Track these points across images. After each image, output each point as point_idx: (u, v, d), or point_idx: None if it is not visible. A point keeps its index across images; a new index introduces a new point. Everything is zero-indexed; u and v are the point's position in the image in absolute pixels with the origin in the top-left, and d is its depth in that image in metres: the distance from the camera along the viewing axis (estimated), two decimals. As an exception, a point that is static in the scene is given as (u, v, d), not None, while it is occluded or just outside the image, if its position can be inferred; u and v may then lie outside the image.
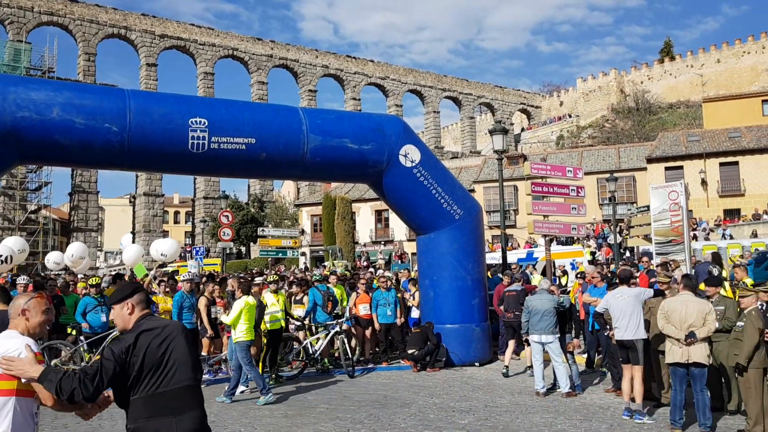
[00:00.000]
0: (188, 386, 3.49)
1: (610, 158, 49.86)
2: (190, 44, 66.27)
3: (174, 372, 3.44)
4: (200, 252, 36.26)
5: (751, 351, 7.08)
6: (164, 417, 3.38)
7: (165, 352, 3.45)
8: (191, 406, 3.49)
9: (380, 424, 7.81)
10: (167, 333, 3.53)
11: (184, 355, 3.51)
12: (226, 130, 10.75)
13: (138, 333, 3.45)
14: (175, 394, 3.43)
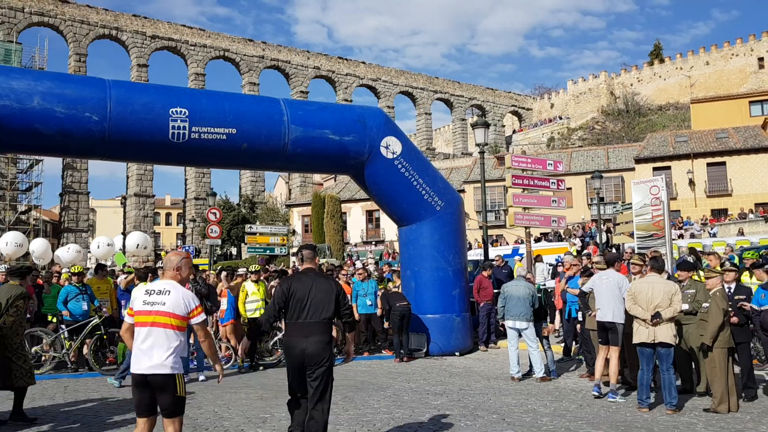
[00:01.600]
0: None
1: (599, 159, 50.16)
2: (182, 45, 66.27)
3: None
4: (189, 251, 36.23)
5: (715, 331, 7.23)
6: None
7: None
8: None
9: (353, 405, 7.92)
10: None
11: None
12: (206, 120, 10.85)
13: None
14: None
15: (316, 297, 5.46)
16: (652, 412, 7.37)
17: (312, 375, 5.38)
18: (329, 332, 5.52)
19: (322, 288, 5.54)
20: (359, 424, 6.91)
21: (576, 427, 6.74)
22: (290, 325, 5.49)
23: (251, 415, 7.38)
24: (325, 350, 5.40)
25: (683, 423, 6.88)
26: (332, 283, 5.71)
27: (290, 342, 5.48)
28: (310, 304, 5.43)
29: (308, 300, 5.44)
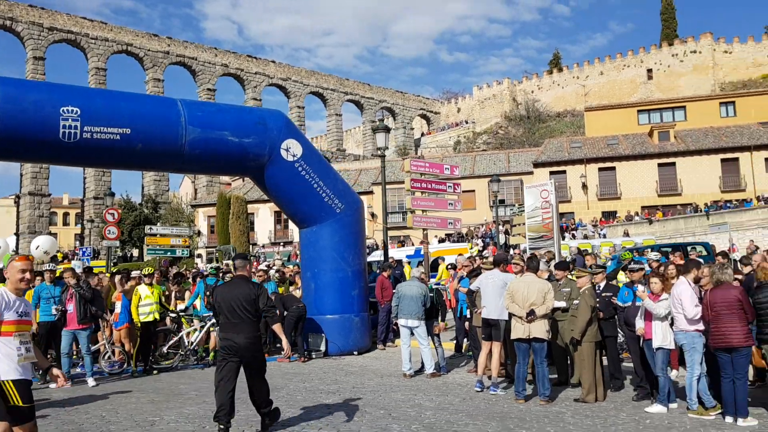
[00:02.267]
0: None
1: (500, 162, 52.01)
2: (82, 38, 63.37)
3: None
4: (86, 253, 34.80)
5: (584, 326, 7.86)
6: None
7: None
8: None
9: (245, 406, 7.98)
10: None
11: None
12: (99, 119, 10.61)
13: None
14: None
15: (240, 300, 6.50)
16: (527, 403, 7.92)
17: (247, 363, 6.59)
18: (256, 327, 6.74)
19: (244, 292, 6.54)
20: (248, 425, 7.04)
21: (455, 419, 7.16)
22: (223, 324, 6.64)
23: (140, 419, 7.35)
24: (255, 342, 6.66)
25: (553, 413, 7.44)
26: (255, 288, 6.68)
27: (225, 337, 6.59)
28: (235, 307, 6.49)
29: (234, 303, 6.51)
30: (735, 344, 6.60)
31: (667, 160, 46.18)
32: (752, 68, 70.16)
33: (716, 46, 72.53)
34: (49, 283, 10.68)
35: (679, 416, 7.13)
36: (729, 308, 6.74)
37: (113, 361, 11.42)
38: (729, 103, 51.77)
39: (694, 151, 45.53)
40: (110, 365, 11.32)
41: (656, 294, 7.48)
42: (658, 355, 7.45)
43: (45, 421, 7.12)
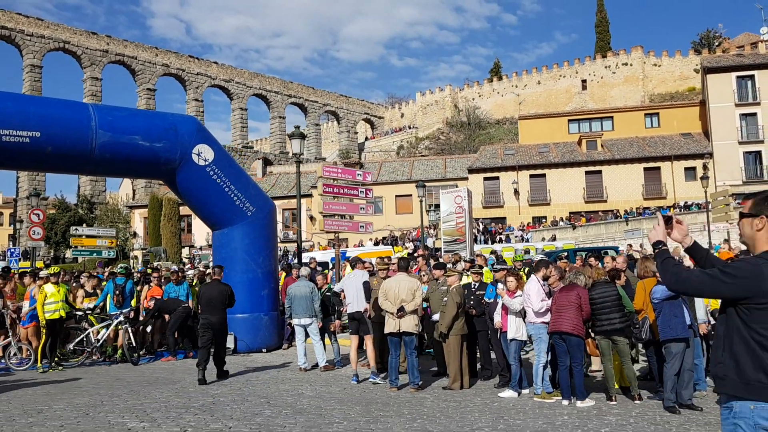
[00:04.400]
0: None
1: (438, 168, 53.20)
2: (16, 35, 61.78)
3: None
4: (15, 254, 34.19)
5: (449, 321, 8.67)
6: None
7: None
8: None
9: (136, 397, 8.53)
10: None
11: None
12: (9, 123, 10.91)
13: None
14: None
15: (215, 295, 10.17)
16: (400, 391, 8.67)
17: (216, 333, 10.16)
18: (224, 312, 10.35)
19: (218, 290, 10.26)
20: (132, 413, 7.56)
21: (326, 405, 7.85)
22: (204, 309, 10.19)
23: (29, 408, 7.78)
24: (223, 322, 10.29)
25: (417, 398, 8.22)
26: (225, 287, 10.40)
27: (204, 317, 10.15)
28: (212, 299, 10.10)
29: (211, 296, 10.11)
30: (565, 330, 7.51)
31: (593, 168, 48.22)
32: (679, 81, 73.52)
33: (646, 59, 75.71)
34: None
35: (526, 400, 7.99)
36: (569, 303, 7.64)
37: (21, 359, 11.69)
38: (654, 114, 54.23)
39: (619, 160, 47.69)
40: (18, 362, 11.59)
41: (512, 291, 8.34)
42: (511, 346, 8.32)
43: None
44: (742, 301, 2.72)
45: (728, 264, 2.84)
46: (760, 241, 2.83)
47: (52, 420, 7.17)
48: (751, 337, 2.70)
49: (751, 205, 2.87)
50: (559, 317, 7.62)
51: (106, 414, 7.47)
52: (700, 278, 2.83)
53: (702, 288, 2.87)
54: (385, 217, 50.41)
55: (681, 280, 2.89)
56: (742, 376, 2.71)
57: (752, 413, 2.68)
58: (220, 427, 6.79)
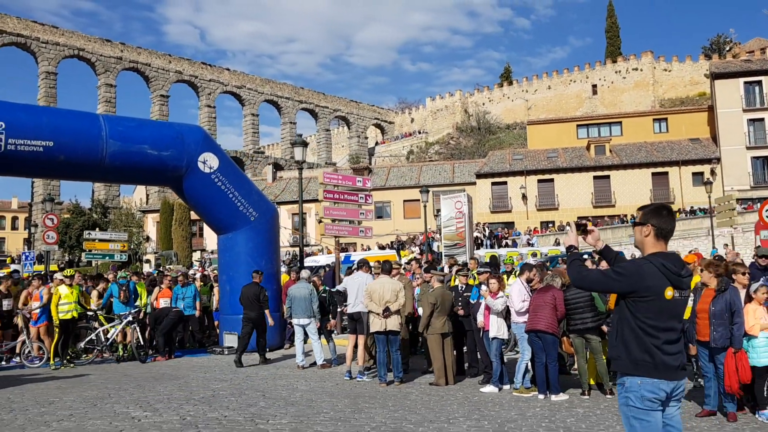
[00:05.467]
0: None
1: (446, 173, 53.67)
2: (32, 42, 63.04)
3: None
4: (30, 257, 35.01)
5: (425, 321, 9.20)
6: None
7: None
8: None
9: (141, 391, 9.11)
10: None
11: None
12: (23, 132, 11.56)
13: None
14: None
15: (252, 294, 11.93)
16: (387, 387, 9.19)
17: (256, 326, 12.05)
18: (260, 308, 11.97)
19: (254, 291, 12.00)
20: (137, 404, 8.13)
21: (317, 398, 8.39)
22: (246, 307, 12.00)
23: (41, 400, 8.39)
24: (260, 316, 12.04)
25: (402, 393, 8.74)
26: (260, 289, 12.07)
27: (246, 313, 11.99)
28: (250, 297, 11.99)
29: (250, 296, 12.01)
30: (540, 328, 8.01)
31: (602, 173, 48.50)
32: (689, 86, 73.58)
33: (656, 64, 75.84)
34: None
35: (505, 395, 8.49)
36: (544, 304, 8.14)
37: (33, 357, 12.32)
38: (662, 119, 54.41)
39: (627, 165, 47.92)
40: (30, 360, 12.22)
41: (494, 292, 8.84)
42: (493, 344, 8.82)
43: None
44: (629, 295, 3.29)
45: (618, 265, 3.41)
46: (647, 246, 3.41)
47: (62, 410, 7.75)
48: (637, 324, 3.28)
49: (640, 216, 3.45)
50: (535, 317, 8.11)
51: (112, 405, 8.05)
52: (597, 276, 3.42)
53: (598, 284, 3.47)
54: (393, 221, 50.97)
55: (582, 277, 3.45)
56: (630, 356, 3.26)
57: (639, 387, 3.26)
58: (216, 416, 7.34)
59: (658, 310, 3.28)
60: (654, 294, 3.27)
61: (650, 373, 3.25)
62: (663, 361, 3.26)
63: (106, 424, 7.03)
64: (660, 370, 3.26)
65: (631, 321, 3.29)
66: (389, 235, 45.65)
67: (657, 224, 3.44)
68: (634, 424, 3.24)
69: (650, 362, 3.26)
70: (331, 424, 6.87)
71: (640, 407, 3.25)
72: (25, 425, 6.99)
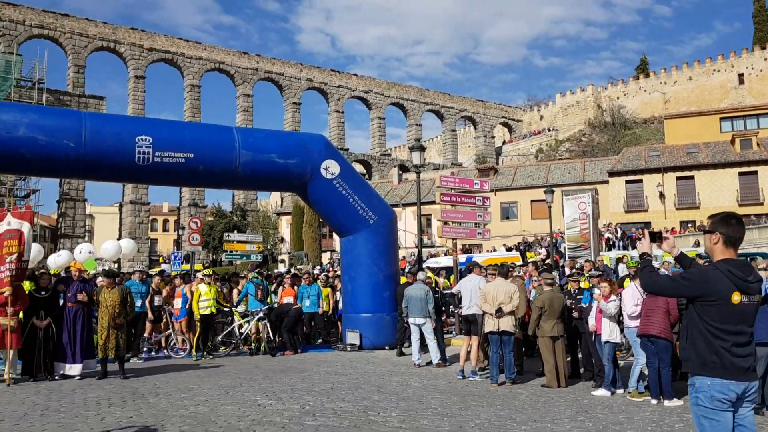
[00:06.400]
0: None
1: (576, 171, 52.06)
2: (178, 57, 68.47)
3: None
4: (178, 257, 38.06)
5: (533, 324, 9.29)
6: None
7: None
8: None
9: (269, 381, 9.89)
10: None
11: None
12: (168, 146, 12.84)
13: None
14: None
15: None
16: (498, 387, 9.34)
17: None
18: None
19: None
20: (264, 393, 8.88)
21: (428, 394, 8.72)
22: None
23: (182, 387, 9.36)
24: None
25: (512, 393, 8.87)
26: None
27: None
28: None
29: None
30: (652, 333, 7.84)
31: (748, 168, 45.02)
32: None
33: (813, 48, 69.17)
34: (138, 281, 13.10)
35: (617, 399, 8.38)
36: (656, 308, 7.96)
37: (178, 348, 13.62)
38: (819, 108, 49.62)
39: (777, 159, 44.18)
40: (175, 351, 13.53)
41: (605, 296, 8.75)
42: (605, 347, 8.73)
43: (127, 382, 9.28)
44: (696, 300, 3.36)
45: (687, 270, 3.48)
46: (716, 253, 3.49)
47: (200, 396, 8.64)
48: (705, 327, 3.37)
49: (710, 224, 3.52)
50: (647, 321, 7.96)
51: (242, 393, 8.85)
52: (665, 282, 3.52)
53: (667, 289, 3.58)
54: (519, 222, 50.21)
55: (652, 282, 3.55)
56: (699, 357, 3.35)
57: (709, 388, 3.37)
58: (332, 407, 7.89)
59: (725, 314, 3.40)
60: (721, 298, 3.39)
61: (719, 373, 3.37)
62: (732, 363, 3.37)
63: (235, 409, 7.78)
64: (729, 371, 3.37)
65: (699, 324, 3.42)
66: (516, 236, 45.07)
67: (725, 232, 3.55)
68: (704, 423, 3.35)
69: (719, 363, 3.38)
70: (437, 419, 7.18)
71: (709, 407, 3.36)
72: (167, 408, 7.88)
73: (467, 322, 10.20)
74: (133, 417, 7.35)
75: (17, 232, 9.51)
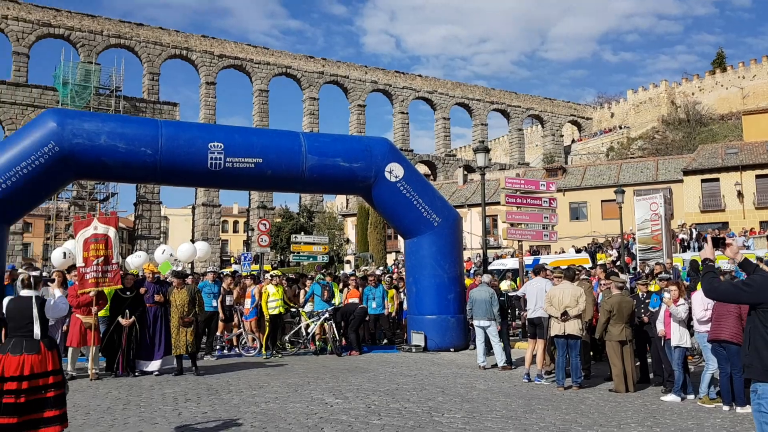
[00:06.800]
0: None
1: (648, 170, 50.52)
2: (247, 63, 70.31)
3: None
4: (248, 258, 39.09)
5: (601, 328, 9.14)
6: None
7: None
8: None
9: (335, 381, 10.12)
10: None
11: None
12: (238, 151, 13.30)
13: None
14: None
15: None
16: (564, 391, 9.26)
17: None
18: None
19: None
20: (331, 392, 9.11)
21: (492, 397, 8.75)
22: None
23: (253, 384, 9.71)
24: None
25: (579, 397, 8.79)
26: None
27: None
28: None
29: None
30: (724, 338, 7.62)
31: (836, 166, 42.63)
32: None
33: None
34: (211, 282, 13.63)
35: (686, 405, 8.18)
36: (728, 312, 7.73)
37: (248, 347, 14.08)
38: None
39: None
40: (246, 350, 13.98)
41: (674, 300, 8.55)
42: (675, 352, 8.54)
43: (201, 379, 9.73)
44: (758, 306, 3.31)
45: (749, 277, 3.43)
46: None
47: (269, 393, 8.95)
48: (767, 333, 3.28)
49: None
50: (718, 326, 7.75)
51: (310, 392, 9.11)
52: (726, 288, 3.49)
53: (727, 295, 3.54)
54: (589, 223, 49.09)
55: (713, 288, 3.53)
56: (762, 363, 3.30)
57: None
58: (397, 407, 8.03)
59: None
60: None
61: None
62: None
63: (303, 407, 8.03)
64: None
65: (762, 330, 3.37)
66: (585, 238, 44.13)
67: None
68: (767, 430, 3.27)
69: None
70: (501, 422, 7.21)
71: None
72: (239, 404, 8.21)
73: (533, 325, 10.16)
74: (207, 412, 7.70)
75: (104, 237, 10.08)
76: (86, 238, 10.07)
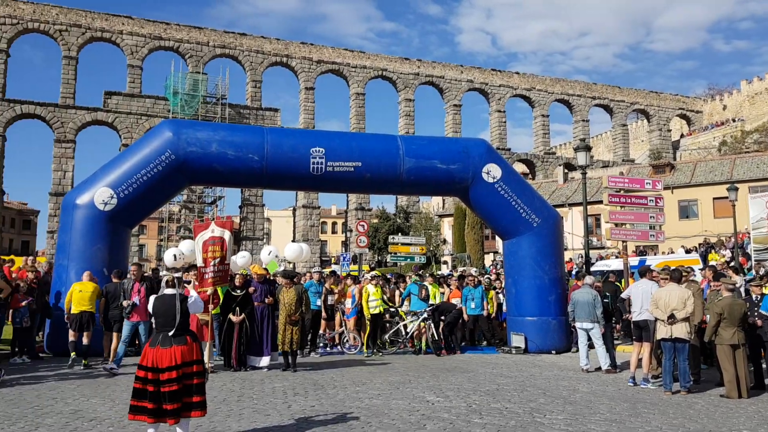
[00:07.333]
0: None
1: (764, 166, 47.44)
2: (343, 67, 71.76)
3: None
4: (347, 258, 39.98)
5: (710, 330, 8.79)
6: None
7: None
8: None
9: (435, 380, 10.29)
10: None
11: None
12: (338, 156, 13.77)
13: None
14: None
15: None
16: (672, 395, 8.98)
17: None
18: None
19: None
20: (432, 391, 9.29)
21: (596, 400, 8.62)
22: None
23: (356, 380, 10.05)
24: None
25: (688, 402, 8.51)
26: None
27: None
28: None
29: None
30: None
31: None
32: None
33: None
34: (316, 282, 14.19)
35: (809, 415, 7.74)
36: None
37: (350, 345, 14.50)
38: None
39: None
40: (348, 348, 14.41)
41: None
42: (793, 359, 8.09)
43: (308, 374, 10.20)
44: None
45: None
46: None
47: (372, 390, 9.25)
48: None
49: None
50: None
51: (411, 389, 9.33)
52: None
53: None
54: (700, 221, 46.65)
55: None
56: None
57: None
58: (498, 407, 8.10)
59: None
60: None
61: None
62: None
63: (406, 404, 8.26)
64: None
65: None
66: (696, 237, 42.00)
67: None
68: None
69: None
70: (605, 425, 7.13)
71: None
72: (344, 399, 8.55)
73: (638, 328, 9.91)
74: (315, 406, 8.08)
75: (220, 239, 10.75)
76: (204, 240, 10.75)
